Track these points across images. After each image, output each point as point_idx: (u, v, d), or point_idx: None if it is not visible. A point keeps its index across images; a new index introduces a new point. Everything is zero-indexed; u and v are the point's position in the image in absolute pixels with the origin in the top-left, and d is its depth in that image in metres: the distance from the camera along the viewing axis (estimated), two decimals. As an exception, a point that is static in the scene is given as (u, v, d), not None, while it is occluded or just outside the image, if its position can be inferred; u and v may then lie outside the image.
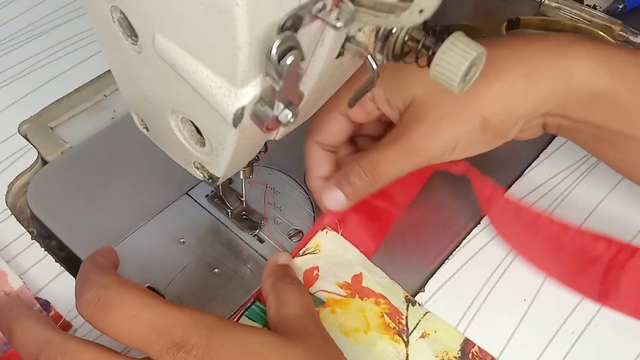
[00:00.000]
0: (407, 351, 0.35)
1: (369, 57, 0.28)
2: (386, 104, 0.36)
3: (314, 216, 0.41)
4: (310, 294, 0.37)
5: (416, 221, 0.41)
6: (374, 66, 0.28)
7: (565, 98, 0.32)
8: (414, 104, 0.34)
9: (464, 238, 0.40)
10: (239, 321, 0.36)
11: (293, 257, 0.38)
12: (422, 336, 0.36)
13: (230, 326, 0.29)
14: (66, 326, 0.36)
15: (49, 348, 0.28)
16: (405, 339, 0.35)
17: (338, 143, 0.39)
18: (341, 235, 0.39)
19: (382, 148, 0.35)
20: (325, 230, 0.39)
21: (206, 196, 0.42)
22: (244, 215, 0.41)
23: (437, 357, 0.35)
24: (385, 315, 0.36)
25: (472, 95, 0.32)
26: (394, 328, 0.36)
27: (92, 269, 0.31)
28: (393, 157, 0.35)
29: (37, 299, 0.36)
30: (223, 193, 0.41)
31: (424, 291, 0.38)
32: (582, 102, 0.32)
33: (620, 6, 0.55)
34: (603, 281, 0.37)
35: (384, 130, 0.40)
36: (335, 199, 0.37)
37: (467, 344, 0.36)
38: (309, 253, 0.38)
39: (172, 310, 0.28)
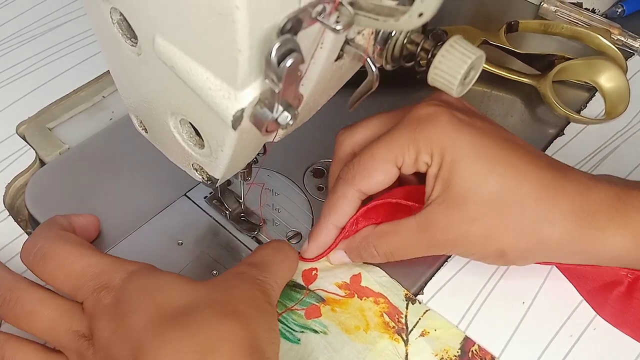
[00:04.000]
0: (406, 350, 0.35)
1: (368, 60, 0.28)
2: (432, 180, 0.35)
3: (313, 218, 0.41)
4: (310, 290, 0.37)
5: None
6: (373, 69, 0.28)
7: (589, 261, 0.35)
8: (450, 203, 0.34)
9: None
10: None
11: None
12: (422, 334, 0.36)
13: (150, 271, 0.32)
14: None
15: None
16: (405, 338, 0.36)
17: (378, 191, 0.37)
18: None
19: (404, 233, 0.35)
20: None
21: (205, 198, 0.42)
22: (242, 217, 0.41)
23: (436, 355, 0.35)
24: (384, 315, 0.36)
25: (500, 227, 0.33)
26: (394, 327, 0.36)
27: (43, 224, 0.35)
28: (415, 244, 0.35)
29: None
30: (222, 195, 0.40)
31: (422, 293, 0.38)
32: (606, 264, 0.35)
33: (619, 10, 0.55)
34: (622, 306, 0.37)
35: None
36: (339, 258, 0.38)
37: (467, 343, 0.36)
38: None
39: (105, 258, 0.32)
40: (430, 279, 0.38)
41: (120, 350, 0.28)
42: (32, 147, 0.44)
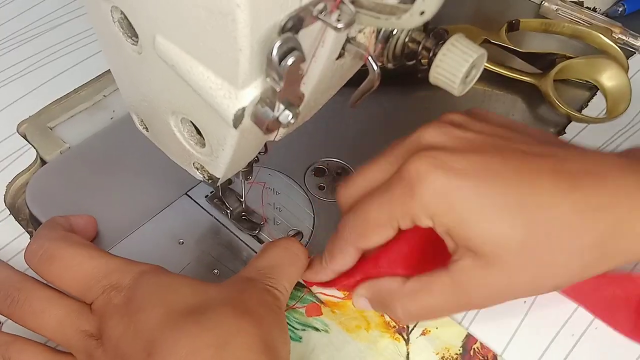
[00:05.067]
0: (407, 349, 0.35)
1: (369, 58, 0.28)
2: (447, 237, 0.31)
3: (314, 217, 0.41)
4: (313, 293, 0.37)
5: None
6: (375, 67, 0.28)
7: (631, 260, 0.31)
8: (477, 258, 0.30)
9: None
10: None
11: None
12: (423, 333, 0.36)
13: (160, 271, 0.32)
14: None
15: (7, 284, 0.32)
16: (406, 337, 0.36)
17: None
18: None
19: (438, 293, 0.31)
20: None
21: (206, 197, 0.42)
22: (243, 215, 0.41)
23: (438, 354, 0.35)
24: (384, 315, 0.36)
25: (546, 267, 0.29)
26: (394, 327, 0.36)
27: (44, 225, 0.36)
28: (451, 305, 0.32)
29: None
30: (223, 194, 0.40)
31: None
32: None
33: (620, 9, 0.55)
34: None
35: None
36: (363, 306, 0.35)
37: (468, 340, 0.36)
38: None
39: (114, 259, 0.32)
40: (432, 278, 0.38)
41: (132, 348, 0.28)
42: (32, 146, 0.44)
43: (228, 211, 0.41)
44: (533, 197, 0.29)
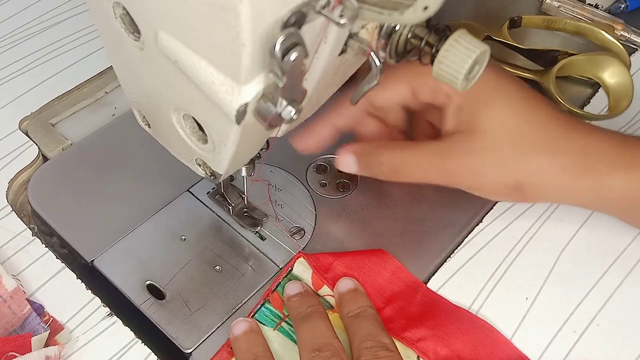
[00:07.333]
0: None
1: (372, 54, 0.28)
2: (454, 113, 0.36)
3: (316, 213, 0.41)
4: (320, 296, 0.37)
5: (417, 219, 0.41)
6: (377, 63, 0.28)
7: (601, 202, 0.37)
8: (472, 131, 0.35)
9: (466, 237, 0.40)
10: None
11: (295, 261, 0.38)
12: None
13: None
14: (58, 329, 0.35)
15: None
16: None
17: (387, 109, 0.39)
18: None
19: (421, 151, 0.36)
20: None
21: (208, 193, 0.42)
22: (245, 212, 0.41)
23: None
24: None
25: (519, 154, 0.35)
26: None
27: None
28: (428, 165, 0.36)
29: (30, 302, 0.35)
30: (225, 190, 0.40)
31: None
32: (616, 203, 0.36)
33: (622, 6, 0.55)
34: None
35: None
36: (347, 164, 0.38)
37: None
38: None
39: None
40: (432, 276, 0.38)
41: None
42: (34, 142, 0.44)
43: (230, 208, 0.41)
44: (530, 102, 0.36)
